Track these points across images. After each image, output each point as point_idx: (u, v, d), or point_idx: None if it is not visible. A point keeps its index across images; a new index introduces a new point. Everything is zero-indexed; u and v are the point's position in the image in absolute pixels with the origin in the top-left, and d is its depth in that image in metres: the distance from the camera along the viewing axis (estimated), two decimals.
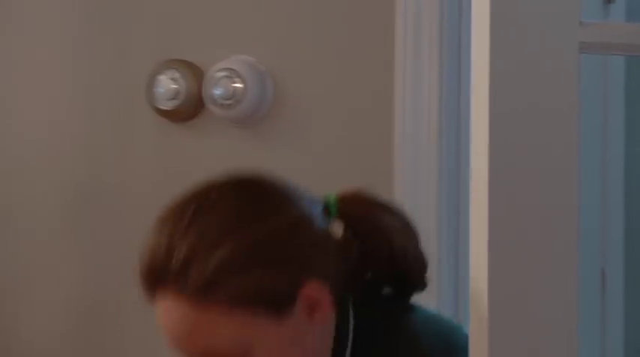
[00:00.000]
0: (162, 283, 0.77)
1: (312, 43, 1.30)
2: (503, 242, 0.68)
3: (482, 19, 0.74)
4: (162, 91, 1.24)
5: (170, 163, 1.38)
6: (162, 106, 1.24)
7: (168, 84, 1.25)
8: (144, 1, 1.35)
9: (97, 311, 1.42)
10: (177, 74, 1.25)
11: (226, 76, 1.21)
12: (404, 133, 1.19)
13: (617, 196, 1.35)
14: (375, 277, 0.90)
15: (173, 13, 1.33)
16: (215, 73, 1.22)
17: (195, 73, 1.26)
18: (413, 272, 0.89)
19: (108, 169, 1.48)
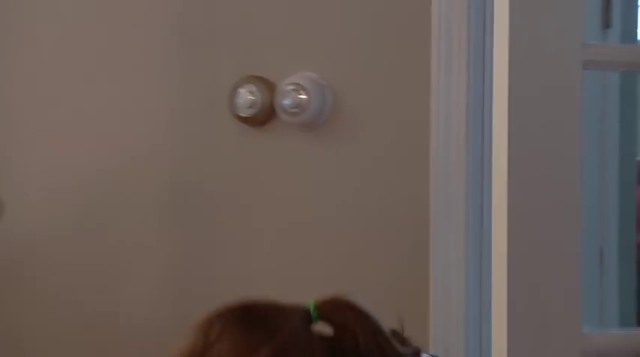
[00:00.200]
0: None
1: (362, 62, 1.51)
2: (520, 227, 0.89)
3: (502, 42, 0.91)
4: (241, 101, 1.44)
5: (248, 160, 1.60)
6: (241, 114, 1.45)
7: (246, 96, 1.45)
8: (228, 28, 1.60)
9: (182, 287, 1.63)
10: (254, 88, 1.44)
11: (294, 89, 1.40)
12: (437, 140, 1.37)
13: (613, 188, 1.57)
14: None
15: (251, 37, 1.54)
16: (284, 86, 1.42)
17: (269, 87, 1.46)
18: None
19: (197, 168, 1.73)
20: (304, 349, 0.67)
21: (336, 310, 0.73)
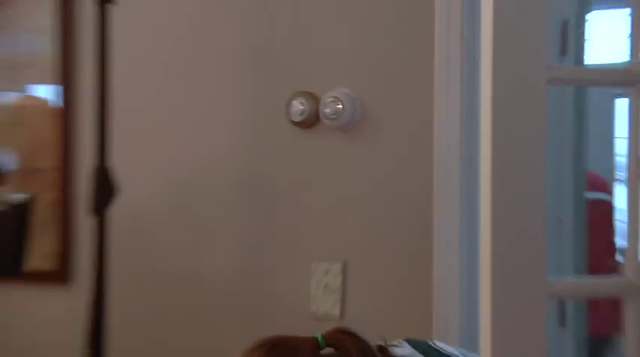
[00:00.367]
0: None
1: (382, 81, 1.94)
2: (501, 207, 1.23)
3: (487, 65, 1.11)
4: (294, 110, 1.86)
5: (299, 155, 2.03)
6: (294, 119, 1.87)
7: (298, 106, 1.86)
8: (285, 55, 2.05)
9: (250, 255, 2.17)
10: (303, 100, 1.85)
11: (332, 101, 1.81)
12: (439, 142, 1.76)
13: (569, 175, 2.06)
14: None
15: (301, 63, 1.97)
16: (326, 99, 1.83)
17: (314, 99, 1.87)
18: None
19: (261, 161, 2.14)
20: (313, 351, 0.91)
21: (337, 336, 0.94)
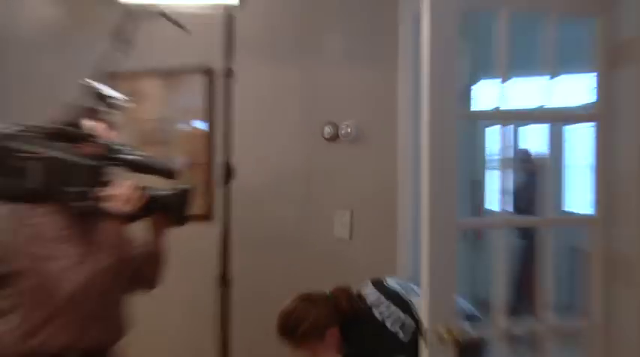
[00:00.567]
0: (288, 336, 2.45)
1: (369, 116, 2.95)
2: (434, 183, 2.00)
3: (426, 107, 1.98)
4: (326, 131, 2.93)
5: (328, 156, 3.10)
6: (325, 137, 2.97)
7: (327, 129, 2.94)
8: (320, 102, 3.08)
9: (309, 215, 3.23)
10: (330, 126, 2.90)
11: (346, 126, 2.89)
12: (400, 150, 2.83)
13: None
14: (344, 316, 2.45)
15: (329, 107, 3.03)
16: (342, 125, 2.91)
17: (335, 126, 2.92)
18: (352, 314, 2.46)
19: (309, 160, 3.17)
20: (325, 303, 2.47)
21: (336, 291, 2.52)
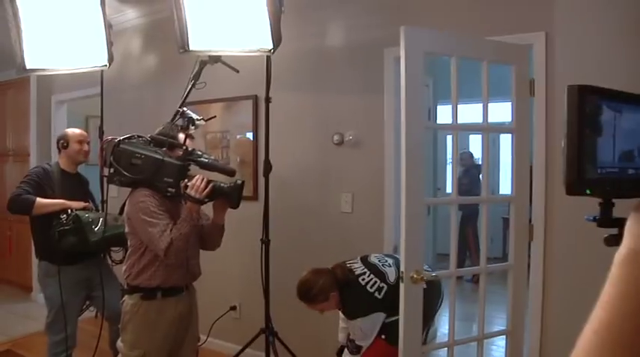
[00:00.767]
0: (304, 298, 2.61)
1: (365, 127, 3.32)
2: (410, 175, 2.71)
3: (403, 121, 2.27)
4: (336, 138, 3.39)
5: (336, 157, 3.47)
6: (335, 143, 3.42)
7: (335, 137, 3.39)
8: (331, 117, 3.39)
9: (322, 196, 3.53)
10: (337, 134, 3.40)
11: (349, 135, 3.38)
12: (386, 151, 3.30)
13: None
14: (341, 282, 2.59)
15: (337, 122, 3.42)
16: (347, 134, 3.39)
17: (341, 134, 3.40)
18: (345, 282, 2.55)
19: (322, 161, 3.42)
20: (328, 274, 2.60)
21: (335, 267, 2.65)
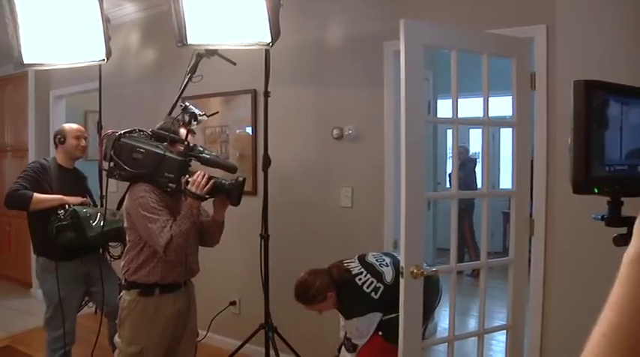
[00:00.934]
0: (301, 300, 2.58)
1: (365, 121, 3.28)
2: (410, 169, 2.66)
3: (403, 115, 2.24)
4: (334, 133, 3.38)
5: (336, 151, 3.44)
6: (334, 137, 3.40)
7: (335, 131, 3.36)
8: (332, 113, 3.36)
9: (322, 190, 3.51)
10: (337, 129, 3.37)
11: (348, 129, 3.34)
12: (386, 145, 3.25)
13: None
14: (337, 282, 2.55)
15: (337, 116, 3.39)
16: (347, 128, 3.35)
17: (341, 129, 3.36)
18: (342, 282, 2.51)
19: (323, 155, 3.40)
20: (325, 275, 2.55)
21: (331, 267, 2.61)
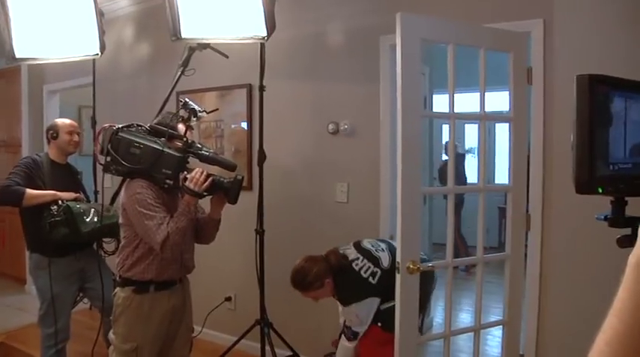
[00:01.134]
0: (298, 287, 2.61)
1: (360, 117, 3.25)
2: (406, 164, 2.64)
3: (399, 110, 2.21)
4: (330, 128, 3.35)
5: (331, 146, 3.42)
6: (330, 132, 3.37)
7: (331, 126, 3.33)
8: (328, 108, 3.33)
9: (317, 185, 3.49)
10: (333, 124, 3.35)
11: (344, 124, 3.30)
12: (381, 139, 3.22)
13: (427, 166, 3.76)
14: (334, 269, 2.59)
15: (332, 111, 3.35)
16: (342, 123, 3.32)
17: (337, 124, 3.34)
18: (339, 268, 2.55)
19: (319, 149, 3.39)
20: (322, 261, 2.58)
21: (328, 253, 2.64)
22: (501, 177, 5.31)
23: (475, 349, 2.62)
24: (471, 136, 6.35)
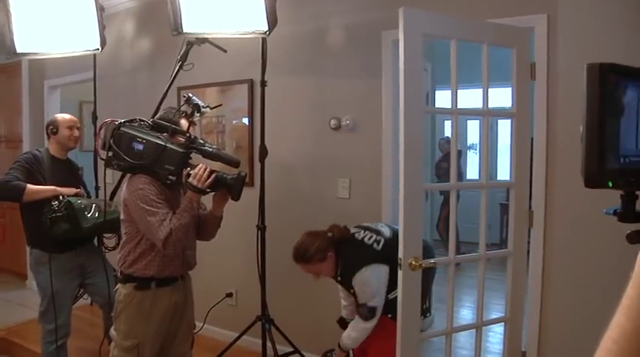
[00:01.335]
0: (300, 260, 2.60)
1: (362, 112, 3.23)
2: (408, 159, 2.53)
3: (402, 105, 2.19)
4: (332, 123, 3.31)
5: (333, 141, 3.39)
6: (332, 127, 3.34)
7: (332, 122, 3.30)
8: (328, 104, 3.31)
9: (318, 179, 3.47)
10: (335, 120, 3.31)
11: (346, 119, 3.27)
12: (384, 135, 3.19)
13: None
14: (337, 242, 2.60)
15: (334, 107, 3.33)
16: (344, 119, 3.29)
17: (339, 119, 3.30)
18: (342, 239, 2.57)
19: (320, 145, 3.36)
20: (324, 236, 2.58)
21: (332, 227, 2.62)
22: (503, 173, 5.29)
23: (477, 345, 2.61)
24: (473, 132, 6.34)
